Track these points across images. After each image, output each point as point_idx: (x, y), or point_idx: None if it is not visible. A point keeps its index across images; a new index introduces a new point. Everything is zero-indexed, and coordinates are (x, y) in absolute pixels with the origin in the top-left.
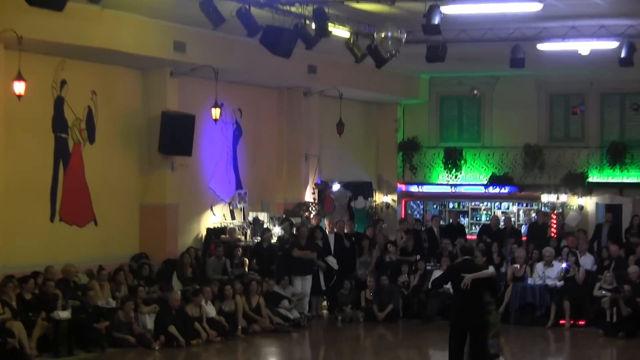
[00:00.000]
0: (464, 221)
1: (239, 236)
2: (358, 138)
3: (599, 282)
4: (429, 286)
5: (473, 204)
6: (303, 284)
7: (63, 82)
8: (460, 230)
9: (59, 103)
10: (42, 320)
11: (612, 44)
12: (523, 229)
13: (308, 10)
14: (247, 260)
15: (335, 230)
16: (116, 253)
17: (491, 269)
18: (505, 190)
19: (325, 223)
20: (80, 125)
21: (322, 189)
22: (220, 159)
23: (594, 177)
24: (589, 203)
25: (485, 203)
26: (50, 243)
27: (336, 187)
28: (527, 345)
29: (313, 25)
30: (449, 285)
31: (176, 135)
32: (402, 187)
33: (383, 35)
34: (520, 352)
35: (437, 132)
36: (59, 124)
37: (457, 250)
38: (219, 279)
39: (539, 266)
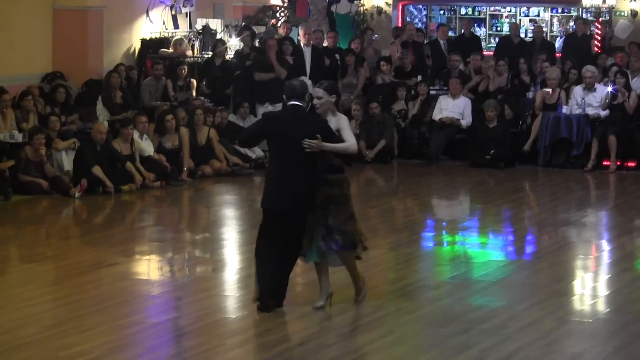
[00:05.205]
0: (480, 32)
1: (185, 50)
2: None
3: None
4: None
5: (492, 8)
6: None
7: None
8: (474, 43)
9: None
10: None
11: None
12: (558, 43)
13: None
14: (194, 82)
15: (311, 43)
16: (22, 72)
17: (350, 140)
18: None
19: (299, 34)
20: None
21: None
22: None
23: None
24: None
25: (508, 8)
26: None
27: None
28: (560, 193)
29: None
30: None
31: None
32: None
33: None
34: (551, 201)
35: None
36: None
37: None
38: (158, 106)
39: (578, 90)
